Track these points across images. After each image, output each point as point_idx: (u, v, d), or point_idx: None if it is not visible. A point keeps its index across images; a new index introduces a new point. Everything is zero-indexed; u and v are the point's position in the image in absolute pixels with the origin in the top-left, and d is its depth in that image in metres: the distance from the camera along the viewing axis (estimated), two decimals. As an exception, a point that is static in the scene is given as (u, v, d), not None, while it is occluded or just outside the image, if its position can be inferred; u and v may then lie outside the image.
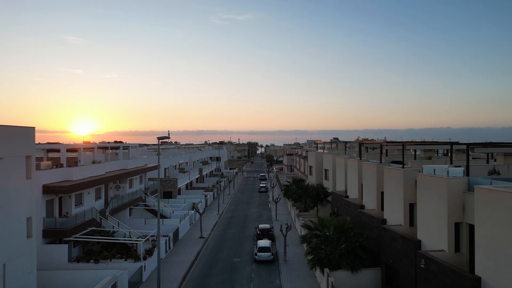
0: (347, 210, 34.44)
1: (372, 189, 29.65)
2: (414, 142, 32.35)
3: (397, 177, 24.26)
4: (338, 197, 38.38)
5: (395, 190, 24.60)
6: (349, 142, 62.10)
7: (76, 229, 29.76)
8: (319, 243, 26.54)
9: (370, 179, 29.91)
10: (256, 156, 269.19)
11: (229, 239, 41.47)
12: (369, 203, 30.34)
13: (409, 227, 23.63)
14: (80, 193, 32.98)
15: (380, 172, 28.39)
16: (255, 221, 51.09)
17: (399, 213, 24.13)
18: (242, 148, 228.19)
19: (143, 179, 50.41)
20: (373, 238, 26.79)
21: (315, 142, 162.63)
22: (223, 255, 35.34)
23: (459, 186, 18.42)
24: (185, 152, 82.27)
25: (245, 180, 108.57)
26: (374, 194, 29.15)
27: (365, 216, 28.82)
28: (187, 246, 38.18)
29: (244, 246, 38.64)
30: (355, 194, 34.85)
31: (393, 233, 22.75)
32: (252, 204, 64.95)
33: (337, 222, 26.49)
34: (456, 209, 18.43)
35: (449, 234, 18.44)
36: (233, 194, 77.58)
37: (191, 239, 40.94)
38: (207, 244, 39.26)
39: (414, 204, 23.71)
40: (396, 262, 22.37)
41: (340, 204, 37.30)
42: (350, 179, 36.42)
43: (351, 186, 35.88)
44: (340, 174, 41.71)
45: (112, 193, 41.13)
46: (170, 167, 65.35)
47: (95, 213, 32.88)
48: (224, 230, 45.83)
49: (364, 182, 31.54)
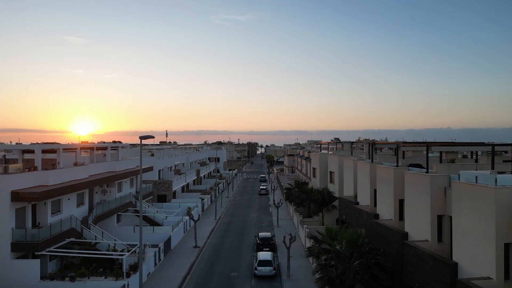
0: (357, 219, 30.75)
1: (388, 196, 25.96)
2: (439, 143, 28.55)
3: (422, 184, 20.58)
4: (347, 203, 34.70)
5: (420, 199, 20.93)
6: (355, 142, 58.31)
7: (51, 241, 26.08)
8: (328, 260, 22.85)
9: (386, 185, 26.21)
10: (256, 157, 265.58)
11: (226, 248, 37.78)
12: (385, 212, 26.65)
13: (437, 243, 19.99)
14: (58, 200, 29.32)
15: (399, 177, 24.71)
16: (254, 227, 47.44)
17: (424, 226, 20.45)
18: (242, 148, 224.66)
19: (134, 182, 46.73)
20: (392, 254, 23.10)
21: (316, 143, 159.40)
22: (219, 269, 31.66)
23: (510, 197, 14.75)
24: (181, 152, 78.55)
25: (245, 182, 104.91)
26: (391, 203, 25.45)
27: (380, 228, 25.12)
28: (179, 257, 34.49)
29: (242, 257, 34.97)
30: (366, 200, 31.17)
31: (420, 251, 19.07)
32: (252, 208, 61.26)
33: (350, 236, 22.78)
34: (507, 226, 14.75)
35: (498, 257, 14.75)
36: (231, 197, 73.90)
37: (185, 248, 37.25)
38: (202, 255, 35.58)
39: (442, 216, 20.07)
40: (425, 287, 18.69)
41: (349, 211, 33.62)
42: (360, 184, 32.73)
43: (362, 192, 32.19)
44: (348, 178, 38.02)
45: (98, 198, 37.46)
46: (165, 168, 61.63)
47: (75, 222, 29.19)
48: (221, 238, 42.14)
49: (379, 188, 27.85)
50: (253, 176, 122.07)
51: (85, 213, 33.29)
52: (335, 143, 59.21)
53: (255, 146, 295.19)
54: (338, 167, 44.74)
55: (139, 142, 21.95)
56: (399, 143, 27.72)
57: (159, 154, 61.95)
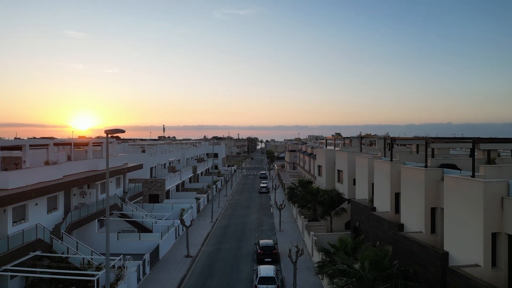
0: (375, 228, 26.23)
1: (417, 203, 21.41)
2: (488, 139, 23.64)
3: (472, 193, 16.01)
4: (361, 208, 30.19)
5: (467, 213, 16.39)
6: (364, 137, 53.64)
7: (10, 256, 21.60)
8: (347, 285, 18.35)
9: (415, 190, 21.66)
10: (256, 152, 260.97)
11: (223, 258, 33.30)
12: (412, 223, 22.11)
13: (491, 269, 15.48)
14: (23, 205, 24.76)
15: (432, 181, 20.18)
16: (254, 231, 42.98)
17: (475, 247, 15.93)
18: (241, 143, 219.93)
19: (121, 181, 42.18)
20: (427, 278, 18.58)
21: (317, 138, 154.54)
22: (214, 285, 27.19)
23: None
24: (177, 148, 73.88)
25: (244, 178, 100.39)
26: (421, 212, 20.91)
27: (409, 243, 20.57)
28: (168, 269, 30.02)
29: (240, 269, 30.51)
30: (385, 206, 26.64)
31: (474, 282, 14.50)
32: (252, 209, 56.75)
33: (373, 255, 18.22)
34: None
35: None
36: (230, 196, 69.38)
37: (176, 258, 32.76)
38: (195, 267, 31.10)
39: (497, 233, 15.54)
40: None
41: (364, 217, 29.11)
42: (378, 186, 28.19)
43: (380, 196, 27.66)
44: (362, 178, 33.48)
45: (77, 201, 32.92)
46: (158, 165, 57.05)
47: (43, 232, 24.67)
48: (217, 244, 37.65)
49: (404, 193, 23.30)
50: (253, 172, 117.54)
51: (59, 220, 28.79)
52: (343, 138, 54.56)
53: (255, 141, 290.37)
54: (348, 166, 40.24)
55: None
56: (428, 139, 23.12)
57: (151, 150, 57.30)
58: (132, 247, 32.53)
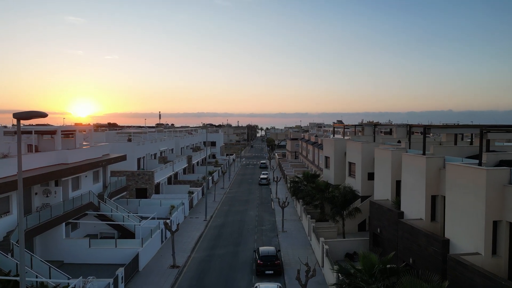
0: (407, 241, 20.68)
1: (474, 215, 15.81)
2: None
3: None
4: (384, 212, 24.65)
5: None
6: (379, 125, 47.72)
7: None
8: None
9: (469, 196, 16.05)
10: (256, 140, 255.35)
11: (215, 269, 27.93)
12: (464, 239, 16.55)
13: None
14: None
15: (494, 186, 14.57)
16: (253, 231, 37.63)
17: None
18: (241, 131, 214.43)
19: (100, 175, 36.60)
20: None
21: (319, 125, 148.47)
22: (202, 308, 21.86)
23: None
24: (170, 136, 68.12)
25: (244, 168, 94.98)
26: (481, 227, 15.31)
27: (467, 272, 14.93)
28: (148, 284, 24.61)
29: (236, 284, 25.15)
30: (419, 212, 21.08)
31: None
32: (251, 204, 51.34)
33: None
34: None
35: None
36: (227, 188, 63.95)
37: (159, 269, 27.37)
38: (181, 281, 25.72)
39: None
40: None
41: (388, 224, 23.59)
42: (407, 187, 22.59)
43: (411, 199, 22.06)
44: (382, 175, 27.89)
45: (39, 201, 27.39)
46: (146, 156, 51.41)
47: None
48: (210, 250, 32.28)
49: (450, 199, 17.65)
50: (252, 161, 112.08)
51: (12, 226, 23.32)
52: (354, 126, 48.69)
53: (255, 129, 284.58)
54: (362, 158, 34.70)
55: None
56: (483, 126, 17.40)
57: (138, 139, 51.56)
58: (107, 257, 27.14)
